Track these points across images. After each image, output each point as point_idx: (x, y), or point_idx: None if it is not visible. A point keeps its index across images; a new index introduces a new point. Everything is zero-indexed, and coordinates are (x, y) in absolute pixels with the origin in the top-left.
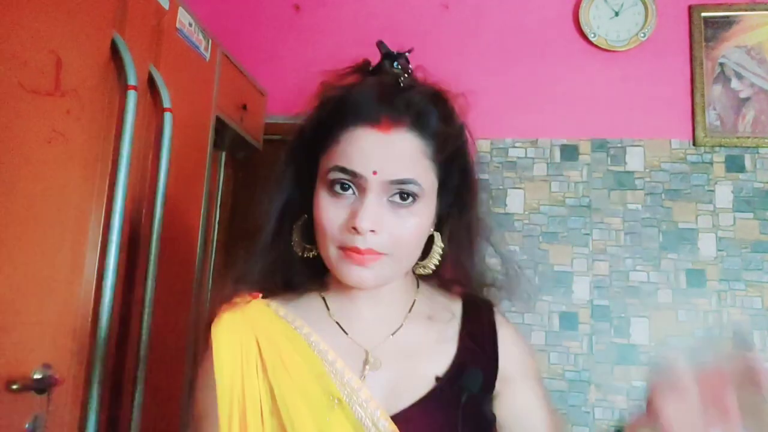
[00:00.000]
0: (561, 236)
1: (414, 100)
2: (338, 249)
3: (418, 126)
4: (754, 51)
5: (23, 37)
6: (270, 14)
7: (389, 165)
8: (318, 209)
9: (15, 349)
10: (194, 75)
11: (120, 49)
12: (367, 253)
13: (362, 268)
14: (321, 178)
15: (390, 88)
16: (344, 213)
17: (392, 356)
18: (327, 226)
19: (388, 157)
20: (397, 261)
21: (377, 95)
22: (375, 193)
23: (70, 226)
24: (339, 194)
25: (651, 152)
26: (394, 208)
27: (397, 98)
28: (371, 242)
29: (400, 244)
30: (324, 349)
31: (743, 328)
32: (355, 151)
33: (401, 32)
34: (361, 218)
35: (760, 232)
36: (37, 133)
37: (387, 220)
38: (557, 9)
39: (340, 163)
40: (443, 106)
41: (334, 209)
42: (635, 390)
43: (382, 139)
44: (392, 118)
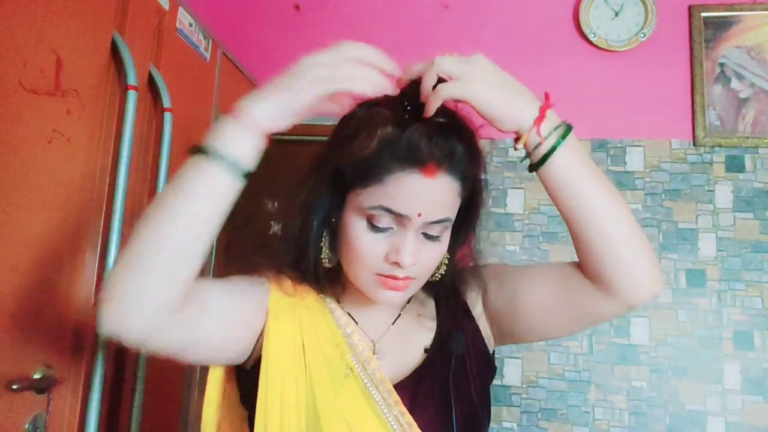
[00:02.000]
0: (561, 236)
1: (456, 147)
2: (374, 275)
3: (454, 169)
4: (754, 51)
5: (23, 37)
6: (270, 14)
7: (433, 208)
8: (355, 239)
9: (15, 349)
10: (194, 75)
11: (120, 49)
12: (404, 279)
13: (396, 292)
14: (358, 210)
15: (435, 134)
16: (384, 246)
17: (393, 341)
18: (366, 257)
19: (432, 201)
20: (421, 282)
21: (425, 142)
22: (415, 230)
23: (70, 226)
24: (379, 229)
25: (651, 152)
26: (425, 240)
27: (442, 143)
28: (408, 272)
29: (428, 269)
30: (344, 322)
31: None
32: (402, 196)
33: (401, 32)
34: (405, 255)
35: (760, 232)
36: (38, 133)
37: (421, 252)
38: (557, 9)
39: (386, 204)
40: (473, 148)
41: (374, 242)
42: (635, 390)
43: (428, 183)
44: (437, 163)
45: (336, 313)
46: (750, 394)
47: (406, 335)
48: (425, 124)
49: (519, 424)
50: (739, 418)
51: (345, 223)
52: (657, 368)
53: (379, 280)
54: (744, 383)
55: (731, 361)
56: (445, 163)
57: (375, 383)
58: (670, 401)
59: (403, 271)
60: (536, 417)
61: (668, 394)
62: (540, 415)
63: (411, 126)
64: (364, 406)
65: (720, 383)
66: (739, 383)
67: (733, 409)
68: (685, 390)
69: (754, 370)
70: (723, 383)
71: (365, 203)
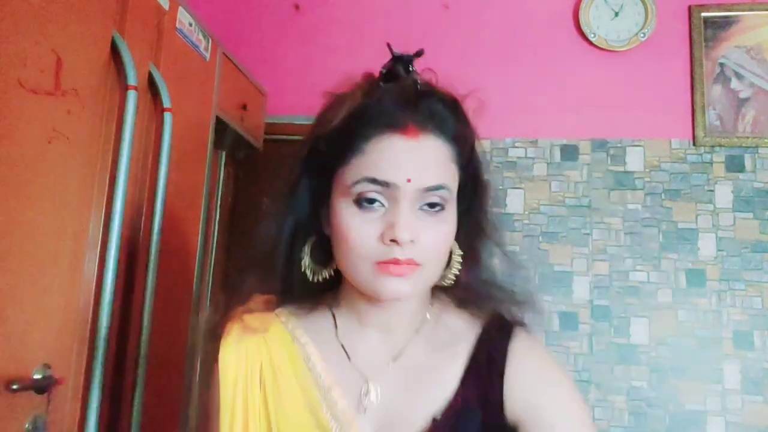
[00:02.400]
0: (561, 236)
1: (436, 105)
2: (373, 264)
3: (441, 131)
4: (753, 51)
5: (23, 37)
6: (270, 14)
7: (422, 172)
8: (344, 226)
9: (15, 349)
10: (194, 75)
11: (120, 49)
12: (407, 263)
13: (401, 279)
14: (343, 192)
15: (411, 94)
16: (377, 227)
17: (392, 385)
18: (358, 243)
19: (420, 164)
20: (429, 271)
21: (401, 101)
22: (408, 201)
23: (70, 226)
24: (367, 208)
25: (651, 152)
26: (424, 217)
27: (420, 104)
28: (410, 252)
29: (433, 253)
30: (322, 373)
31: None
32: (384, 160)
33: (401, 32)
34: (400, 229)
35: (760, 232)
36: (38, 132)
37: (421, 229)
38: (557, 9)
39: (370, 174)
40: (459, 110)
41: (364, 224)
42: (635, 390)
43: (412, 145)
44: (418, 124)
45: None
46: (750, 394)
47: (413, 382)
48: (400, 85)
49: None
50: (739, 418)
51: (334, 212)
52: (657, 368)
53: (378, 268)
54: (744, 383)
55: (731, 361)
56: (428, 124)
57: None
58: (670, 401)
59: (403, 251)
60: None
61: (668, 394)
62: None
63: (384, 88)
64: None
65: (720, 383)
66: (739, 383)
67: (733, 409)
68: (685, 390)
69: (754, 370)
70: (723, 383)
71: (349, 180)
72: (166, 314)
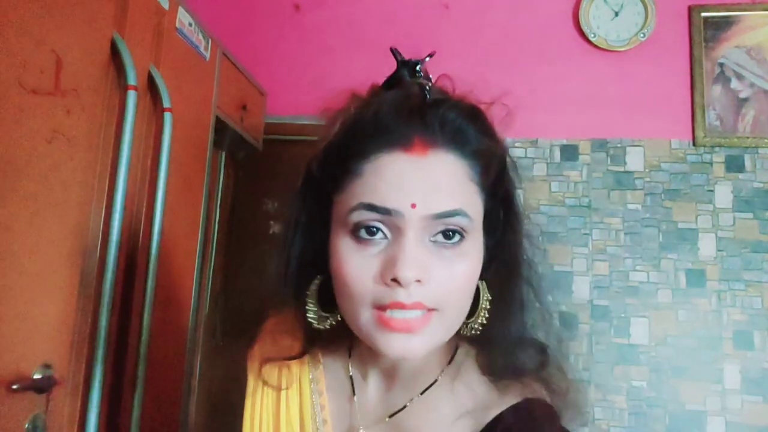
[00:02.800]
0: (561, 236)
1: (449, 114)
2: (373, 311)
3: (456, 145)
4: (753, 51)
5: (23, 36)
6: (270, 14)
7: (431, 195)
8: (339, 262)
9: (15, 349)
10: (194, 75)
11: (120, 49)
12: (414, 308)
13: (409, 335)
14: (339, 222)
15: (417, 103)
16: (376, 263)
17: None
18: (354, 282)
19: (428, 186)
20: (448, 319)
21: (405, 112)
22: (415, 231)
23: (70, 226)
24: (365, 240)
25: (651, 152)
26: (438, 251)
27: (428, 114)
28: (418, 295)
29: (451, 296)
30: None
31: None
32: (384, 183)
33: (401, 32)
34: (403, 265)
35: (760, 232)
36: (38, 132)
37: (433, 266)
38: (557, 9)
39: (366, 199)
40: (480, 120)
41: (360, 260)
42: (635, 390)
43: (418, 163)
44: (426, 138)
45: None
46: (750, 394)
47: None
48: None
49: None
50: (739, 418)
51: (331, 248)
52: (657, 368)
53: (379, 318)
54: (744, 383)
55: (731, 361)
56: (439, 137)
57: None
58: (670, 401)
59: (409, 294)
60: None
61: (668, 394)
62: None
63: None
64: None
65: (720, 383)
66: (739, 383)
67: (733, 409)
68: (685, 390)
69: (753, 370)
70: (723, 383)
71: (344, 208)
72: (166, 314)
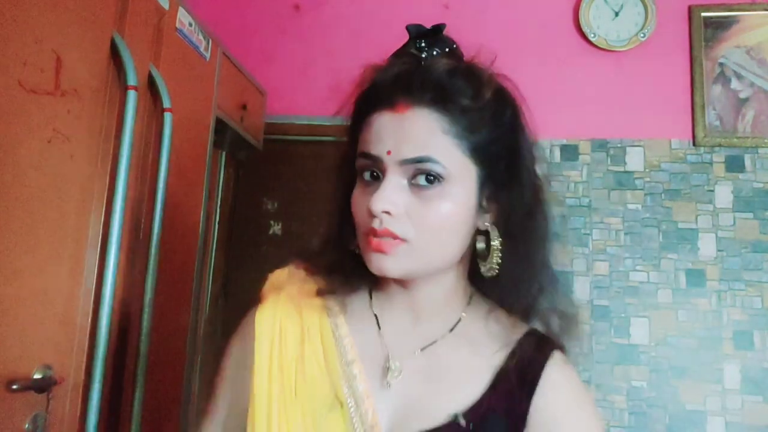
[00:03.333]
0: (561, 236)
1: (432, 76)
2: (367, 237)
3: (439, 102)
4: (753, 51)
5: (23, 36)
6: (270, 14)
7: (402, 144)
8: (353, 197)
9: (15, 349)
10: (194, 75)
11: (120, 49)
12: (383, 235)
13: (382, 255)
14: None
15: (407, 69)
16: (367, 198)
17: (415, 373)
18: (357, 215)
19: (401, 137)
20: (421, 251)
21: (392, 79)
22: (393, 174)
23: (70, 226)
24: (367, 182)
25: (651, 152)
26: (418, 192)
27: (414, 77)
28: (389, 225)
29: (424, 230)
30: (347, 345)
31: None
32: (373, 136)
33: (401, 32)
34: (374, 200)
35: (760, 232)
36: (38, 132)
37: (408, 203)
38: (557, 9)
39: (363, 148)
40: (475, 81)
41: (362, 197)
42: (635, 390)
43: (398, 119)
44: (408, 99)
45: (340, 331)
46: (750, 394)
47: (438, 377)
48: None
49: None
50: (739, 417)
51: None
52: (657, 368)
53: (366, 240)
54: (744, 383)
55: (731, 361)
56: (421, 98)
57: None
58: (670, 401)
59: (380, 222)
60: None
61: (668, 394)
62: None
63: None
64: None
65: (720, 383)
66: (739, 383)
67: (733, 409)
68: (685, 390)
69: (753, 369)
70: (723, 383)
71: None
72: (166, 314)
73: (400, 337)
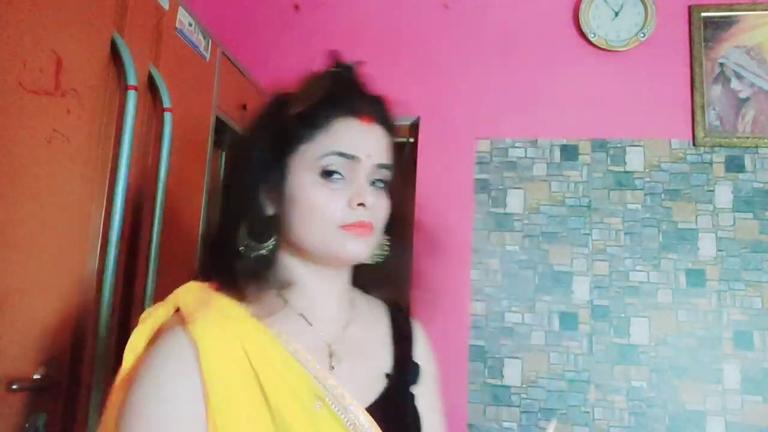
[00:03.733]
0: (561, 236)
1: (380, 102)
2: (338, 228)
3: (383, 123)
4: (753, 51)
5: (23, 37)
6: (270, 14)
7: (377, 151)
8: (312, 194)
9: (15, 349)
10: (194, 75)
11: (120, 49)
12: (367, 225)
13: (362, 240)
14: (310, 164)
15: (364, 88)
16: (342, 195)
17: (348, 351)
18: (328, 208)
19: (375, 144)
20: (377, 238)
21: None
22: (365, 174)
23: (70, 226)
24: (332, 179)
25: (651, 152)
26: (376, 190)
27: (371, 97)
28: (371, 217)
29: (381, 222)
30: (295, 348)
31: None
32: (349, 139)
33: (401, 32)
34: (367, 195)
35: (760, 232)
36: (38, 132)
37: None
38: (557, 9)
39: (337, 148)
40: (390, 110)
41: (331, 193)
42: (635, 390)
43: (368, 129)
44: (371, 114)
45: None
46: (750, 394)
47: (362, 349)
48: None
49: (519, 424)
50: (738, 417)
51: (295, 185)
52: (657, 368)
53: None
54: (744, 383)
55: (731, 361)
56: (376, 115)
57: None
58: (670, 401)
59: (367, 214)
60: (536, 417)
61: (668, 394)
62: (540, 415)
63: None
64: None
65: (720, 383)
66: (739, 383)
67: (733, 409)
68: (685, 390)
69: (753, 370)
70: (723, 383)
71: (316, 154)
72: None
73: (327, 325)
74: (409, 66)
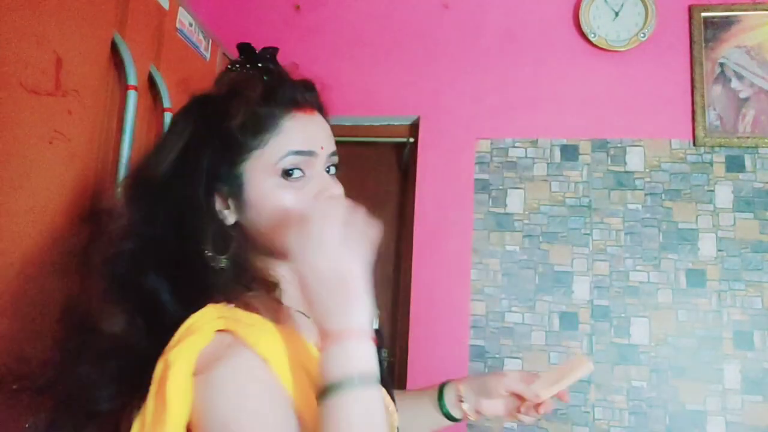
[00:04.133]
0: (561, 236)
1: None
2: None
3: (320, 108)
4: (754, 51)
5: (24, 37)
6: (270, 14)
7: (327, 140)
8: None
9: (15, 349)
10: (194, 75)
11: (120, 49)
12: None
13: None
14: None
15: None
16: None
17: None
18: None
19: (324, 134)
20: None
21: (291, 81)
22: (322, 165)
23: (70, 226)
24: (295, 178)
25: (651, 152)
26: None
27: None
28: None
29: None
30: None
31: None
32: (301, 135)
33: (401, 32)
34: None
35: (760, 232)
36: (38, 133)
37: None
38: (557, 9)
39: (293, 147)
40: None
41: (295, 191)
42: (635, 390)
43: (313, 119)
44: (310, 102)
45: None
46: (750, 394)
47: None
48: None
49: (519, 424)
50: (739, 417)
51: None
52: (657, 368)
53: None
54: (744, 383)
55: (731, 361)
56: (313, 101)
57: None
58: (670, 401)
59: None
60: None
61: (668, 394)
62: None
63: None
64: None
65: (720, 383)
66: (739, 383)
67: (733, 409)
68: (685, 390)
69: (754, 370)
70: (723, 383)
71: (273, 158)
72: None
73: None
74: (410, 66)
